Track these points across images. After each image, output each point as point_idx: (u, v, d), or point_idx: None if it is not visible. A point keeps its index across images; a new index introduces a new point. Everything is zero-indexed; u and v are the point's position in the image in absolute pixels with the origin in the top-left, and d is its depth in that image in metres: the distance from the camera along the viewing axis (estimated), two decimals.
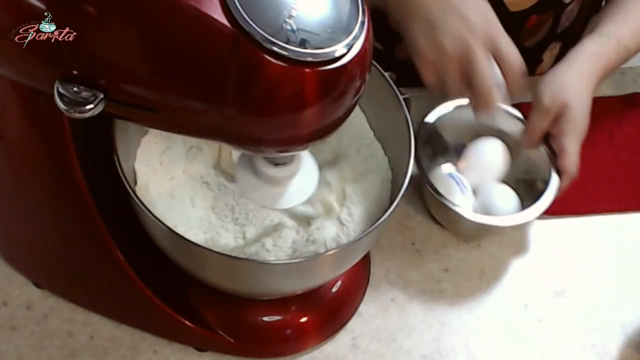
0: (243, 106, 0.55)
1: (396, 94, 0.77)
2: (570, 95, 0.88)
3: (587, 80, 0.90)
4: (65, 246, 0.77)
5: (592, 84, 0.91)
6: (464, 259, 0.92)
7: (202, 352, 0.82)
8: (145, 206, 0.67)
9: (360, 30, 0.56)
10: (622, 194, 0.99)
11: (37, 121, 0.65)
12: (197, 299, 0.81)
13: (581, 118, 0.89)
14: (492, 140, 0.93)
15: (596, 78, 0.91)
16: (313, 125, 0.58)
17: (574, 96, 0.88)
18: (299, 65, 0.54)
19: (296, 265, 0.69)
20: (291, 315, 0.83)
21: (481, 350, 0.86)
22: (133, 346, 0.82)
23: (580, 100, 0.89)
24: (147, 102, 0.57)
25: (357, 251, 0.74)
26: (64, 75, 0.56)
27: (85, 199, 0.69)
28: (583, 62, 0.91)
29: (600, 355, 0.87)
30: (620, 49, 0.93)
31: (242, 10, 0.53)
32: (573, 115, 0.88)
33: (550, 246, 0.95)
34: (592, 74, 0.91)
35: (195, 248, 0.67)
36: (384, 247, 0.91)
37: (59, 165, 0.68)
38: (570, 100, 0.88)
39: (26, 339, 0.82)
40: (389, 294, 0.88)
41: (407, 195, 0.93)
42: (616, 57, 0.93)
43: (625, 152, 1.02)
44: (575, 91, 0.89)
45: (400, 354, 0.85)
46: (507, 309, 0.89)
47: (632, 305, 0.91)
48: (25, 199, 0.75)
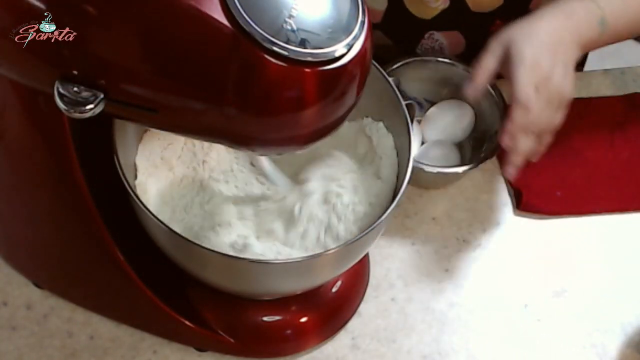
0: (243, 106, 0.56)
1: (398, 99, 0.77)
2: (517, 33, 0.87)
3: (549, 29, 0.87)
4: (65, 246, 0.77)
5: (557, 34, 0.88)
6: (464, 259, 0.92)
7: (202, 352, 0.82)
8: (145, 206, 0.67)
9: (360, 30, 0.56)
10: (622, 194, 0.99)
11: (37, 121, 0.65)
12: (197, 299, 0.81)
13: (531, 52, 0.85)
14: (460, 107, 0.96)
15: (568, 35, 0.88)
16: (313, 125, 0.58)
17: (523, 34, 0.86)
18: (299, 65, 0.54)
19: (296, 265, 0.69)
20: (291, 315, 0.83)
21: (481, 350, 0.86)
22: (133, 346, 0.82)
23: (529, 37, 0.86)
24: (147, 102, 0.57)
25: (357, 251, 0.74)
26: (64, 75, 0.56)
27: (85, 199, 0.69)
28: (553, 16, 0.89)
29: (600, 355, 0.87)
30: (606, 28, 0.90)
31: (242, 10, 0.53)
32: (518, 48, 0.85)
33: (550, 246, 0.95)
34: (560, 27, 0.88)
35: (195, 248, 0.67)
36: (384, 247, 0.91)
37: (59, 165, 0.68)
38: (516, 37, 0.86)
39: (26, 339, 0.82)
40: (389, 294, 0.88)
41: (407, 195, 0.94)
42: (597, 28, 0.90)
43: (625, 152, 1.02)
44: (525, 31, 0.87)
45: (400, 354, 0.85)
46: (507, 309, 0.89)
47: (632, 305, 0.90)
48: (25, 199, 0.75)
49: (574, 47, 0.89)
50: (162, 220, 0.67)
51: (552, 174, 0.99)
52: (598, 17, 0.89)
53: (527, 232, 0.95)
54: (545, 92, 0.85)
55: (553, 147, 1.01)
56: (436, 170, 0.91)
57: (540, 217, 0.96)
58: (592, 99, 1.07)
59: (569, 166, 1.00)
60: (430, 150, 0.95)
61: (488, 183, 0.99)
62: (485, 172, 0.99)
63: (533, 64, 0.85)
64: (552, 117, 0.88)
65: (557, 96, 0.87)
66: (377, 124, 0.81)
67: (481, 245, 0.94)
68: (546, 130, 0.89)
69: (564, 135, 1.03)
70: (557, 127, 0.90)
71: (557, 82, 0.86)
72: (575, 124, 1.04)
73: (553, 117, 0.88)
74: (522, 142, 0.86)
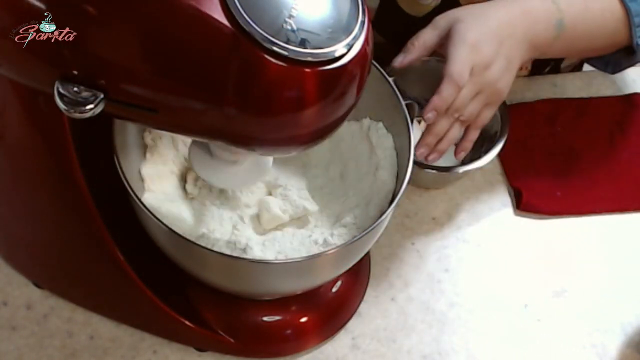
0: (243, 106, 0.55)
1: (398, 99, 0.77)
2: (467, 14, 0.83)
3: (502, 18, 0.83)
4: (65, 246, 0.77)
5: (509, 27, 0.83)
6: (464, 259, 0.92)
7: (202, 352, 0.82)
8: (145, 206, 0.67)
9: (360, 30, 0.56)
10: (622, 194, 0.99)
11: (37, 121, 0.65)
12: (197, 299, 0.81)
13: (475, 35, 0.82)
14: None
15: (520, 30, 0.84)
16: (313, 125, 0.58)
17: (472, 15, 0.83)
18: (299, 65, 0.54)
19: (296, 265, 0.69)
20: (291, 315, 0.83)
21: (481, 350, 0.86)
22: (133, 346, 0.82)
23: (478, 20, 0.82)
24: (147, 102, 0.57)
25: (357, 251, 0.74)
26: (64, 75, 0.56)
27: (85, 199, 0.69)
28: (510, 8, 0.85)
29: (600, 355, 0.87)
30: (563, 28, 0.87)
31: (242, 10, 0.53)
32: (463, 28, 0.82)
33: (550, 246, 0.95)
34: (514, 21, 0.84)
35: (195, 248, 0.67)
36: (384, 247, 0.91)
37: (59, 165, 0.68)
38: (464, 17, 0.83)
39: (26, 339, 0.82)
40: (389, 294, 0.88)
41: (407, 195, 0.94)
42: (553, 30, 0.86)
43: (625, 152, 1.03)
44: (476, 12, 0.84)
45: (400, 354, 0.85)
46: (507, 309, 0.89)
47: (632, 305, 0.91)
48: (25, 199, 0.75)
49: (524, 46, 0.85)
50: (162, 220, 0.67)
51: (552, 174, 0.99)
52: (556, 19, 0.86)
53: (527, 232, 0.95)
54: (478, 79, 0.82)
55: (553, 147, 1.02)
56: (436, 171, 0.91)
57: (540, 217, 0.96)
58: (592, 99, 1.07)
59: (569, 166, 1.00)
60: None
61: (488, 183, 0.99)
62: (485, 172, 0.99)
63: (474, 46, 0.81)
64: (479, 110, 0.85)
65: (490, 89, 0.83)
66: (377, 124, 0.81)
67: (481, 245, 0.94)
68: (471, 123, 0.86)
69: (564, 135, 1.03)
70: (483, 123, 0.87)
71: (494, 74, 0.83)
72: (575, 124, 1.04)
73: (480, 111, 0.85)
74: (442, 122, 0.83)
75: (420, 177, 0.93)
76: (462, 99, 0.82)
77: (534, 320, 0.89)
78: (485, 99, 0.84)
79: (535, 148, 1.01)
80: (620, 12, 0.90)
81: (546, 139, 1.02)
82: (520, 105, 1.05)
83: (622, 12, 0.90)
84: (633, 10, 0.90)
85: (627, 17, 0.90)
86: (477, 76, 0.82)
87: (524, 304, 0.90)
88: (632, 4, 0.90)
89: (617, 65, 0.98)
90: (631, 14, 0.90)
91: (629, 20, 0.90)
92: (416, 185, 0.96)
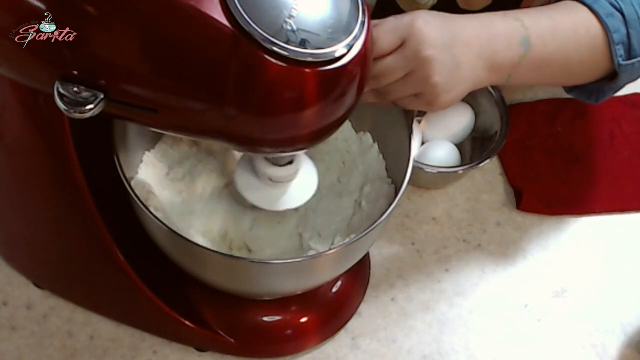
0: (243, 106, 0.55)
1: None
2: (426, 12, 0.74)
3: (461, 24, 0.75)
4: (65, 246, 0.77)
5: (468, 38, 0.74)
6: (464, 259, 0.92)
7: (202, 352, 0.82)
8: (145, 206, 0.67)
9: (360, 30, 0.56)
10: (622, 194, 0.99)
11: (37, 121, 0.65)
12: (197, 299, 0.81)
13: (422, 19, 0.72)
14: (460, 107, 0.96)
15: (477, 42, 0.74)
16: (313, 125, 0.58)
17: (430, 13, 0.74)
18: (299, 65, 0.54)
19: (296, 265, 0.69)
20: (291, 315, 0.83)
21: (481, 350, 0.86)
22: (133, 346, 0.82)
23: (434, 15, 0.73)
24: (147, 102, 0.57)
25: (357, 251, 0.74)
26: (64, 75, 0.56)
27: (85, 199, 0.69)
28: (471, 23, 0.76)
29: (600, 355, 0.87)
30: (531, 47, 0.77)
31: (242, 10, 0.53)
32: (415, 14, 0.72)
33: (550, 246, 0.95)
34: (473, 37, 0.75)
35: (195, 248, 0.67)
36: (384, 247, 0.91)
37: (59, 165, 0.68)
38: (423, 13, 0.73)
39: (26, 339, 0.82)
40: (389, 294, 0.88)
41: (407, 195, 0.94)
42: (518, 48, 0.76)
43: (625, 152, 1.03)
44: (435, 13, 0.74)
45: (400, 354, 0.85)
46: (507, 309, 0.89)
47: (632, 305, 0.91)
48: (25, 199, 0.75)
49: (480, 63, 0.75)
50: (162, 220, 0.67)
51: (552, 174, 0.99)
52: (521, 36, 0.76)
53: (527, 232, 0.95)
54: (410, 54, 0.71)
55: (553, 147, 1.02)
56: (436, 170, 0.91)
57: (540, 217, 0.96)
58: None
59: (569, 166, 1.00)
60: (430, 150, 0.94)
61: (488, 183, 0.99)
62: (485, 172, 0.99)
63: (414, 21, 0.71)
64: (405, 95, 0.74)
65: (422, 73, 0.71)
66: (376, 124, 0.81)
67: (481, 245, 0.94)
68: (389, 96, 0.74)
69: (564, 135, 1.03)
70: (401, 104, 0.75)
71: (432, 61, 0.71)
72: (575, 124, 1.04)
73: (406, 96, 0.74)
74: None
75: (420, 177, 0.93)
76: (383, 65, 0.71)
77: (534, 320, 0.89)
78: (416, 86, 0.73)
79: (535, 148, 1.01)
80: (597, 29, 0.79)
81: (546, 139, 1.02)
82: (520, 105, 1.05)
83: (599, 29, 0.79)
84: (611, 27, 0.79)
85: (606, 34, 0.79)
86: (409, 50, 0.71)
87: (524, 304, 0.90)
88: (609, 20, 0.79)
89: (601, 92, 0.87)
90: (609, 30, 0.79)
91: (607, 38, 0.79)
92: (416, 185, 0.96)
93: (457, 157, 0.95)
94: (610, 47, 0.80)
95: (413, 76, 0.72)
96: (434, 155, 0.94)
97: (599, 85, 0.85)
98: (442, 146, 0.95)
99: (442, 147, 0.95)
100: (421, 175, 0.92)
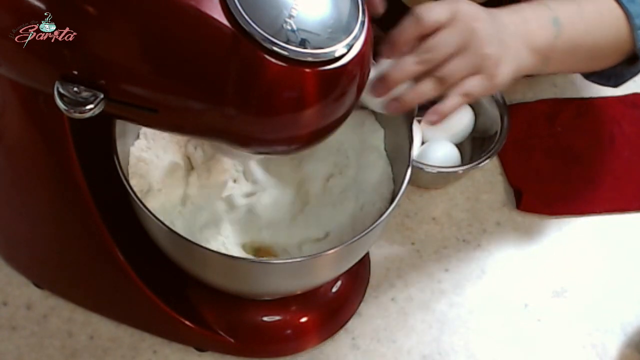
0: (243, 106, 0.55)
1: None
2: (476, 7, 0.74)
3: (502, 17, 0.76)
4: (65, 246, 0.77)
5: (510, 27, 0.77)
6: (464, 259, 0.92)
7: (202, 352, 0.82)
8: (145, 206, 0.67)
9: (360, 30, 0.56)
10: (622, 194, 0.99)
11: (37, 121, 0.65)
12: (197, 299, 0.81)
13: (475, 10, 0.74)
14: (460, 107, 0.95)
15: (516, 29, 0.77)
16: (313, 125, 0.58)
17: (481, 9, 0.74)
18: (299, 65, 0.54)
19: (296, 265, 0.69)
20: (291, 315, 0.83)
21: (481, 350, 0.86)
22: (133, 346, 0.82)
23: (487, 12, 0.75)
24: (147, 102, 0.57)
25: (357, 251, 0.74)
26: (64, 75, 0.56)
27: (85, 199, 0.69)
28: (509, 16, 0.78)
29: (600, 355, 0.87)
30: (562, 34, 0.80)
31: (242, 10, 0.53)
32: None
33: (550, 246, 0.95)
34: (513, 23, 0.77)
35: (195, 248, 0.67)
36: (384, 247, 0.91)
37: (59, 165, 0.68)
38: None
39: (26, 339, 0.82)
40: (389, 294, 0.88)
41: (407, 195, 0.94)
42: (551, 27, 0.79)
43: (625, 152, 1.03)
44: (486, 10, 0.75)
45: (400, 354, 0.85)
46: (507, 309, 0.89)
47: (632, 305, 0.91)
48: (25, 199, 0.75)
49: (524, 47, 0.77)
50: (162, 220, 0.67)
51: (552, 174, 0.99)
52: (551, 17, 0.79)
53: (527, 232, 0.95)
54: (463, 26, 0.72)
55: (553, 147, 1.02)
56: (436, 170, 0.91)
57: (540, 217, 0.96)
58: (592, 99, 1.07)
59: (569, 166, 1.00)
60: (430, 150, 0.95)
61: (488, 183, 0.99)
62: (485, 172, 0.99)
63: (460, 2, 0.73)
64: (463, 74, 0.73)
65: (476, 44, 0.72)
66: (376, 122, 0.81)
67: (481, 245, 0.94)
68: (453, 86, 0.74)
69: (564, 135, 1.03)
70: (469, 93, 0.74)
71: (484, 32, 0.72)
72: (575, 124, 1.04)
73: (465, 76, 0.73)
74: (406, 61, 0.71)
75: (420, 177, 0.93)
76: (437, 41, 0.71)
77: (534, 320, 0.89)
78: (473, 61, 0.73)
79: (535, 148, 1.01)
80: (620, 14, 0.84)
81: (546, 139, 1.02)
82: (520, 105, 1.05)
83: (621, 14, 0.84)
84: (632, 12, 0.84)
85: (627, 19, 0.84)
86: (462, 22, 0.72)
87: (524, 304, 0.90)
88: (630, 6, 0.84)
89: (620, 76, 0.92)
90: (631, 16, 0.84)
91: (629, 23, 0.84)
92: (416, 185, 0.96)
93: (457, 157, 0.95)
94: (632, 33, 0.84)
95: (467, 49, 0.72)
96: (434, 155, 0.94)
97: (618, 69, 0.89)
98: (442, 146, 0.95)
99: (442, 147, 0.95)
100: (421, 175, 0.92)
